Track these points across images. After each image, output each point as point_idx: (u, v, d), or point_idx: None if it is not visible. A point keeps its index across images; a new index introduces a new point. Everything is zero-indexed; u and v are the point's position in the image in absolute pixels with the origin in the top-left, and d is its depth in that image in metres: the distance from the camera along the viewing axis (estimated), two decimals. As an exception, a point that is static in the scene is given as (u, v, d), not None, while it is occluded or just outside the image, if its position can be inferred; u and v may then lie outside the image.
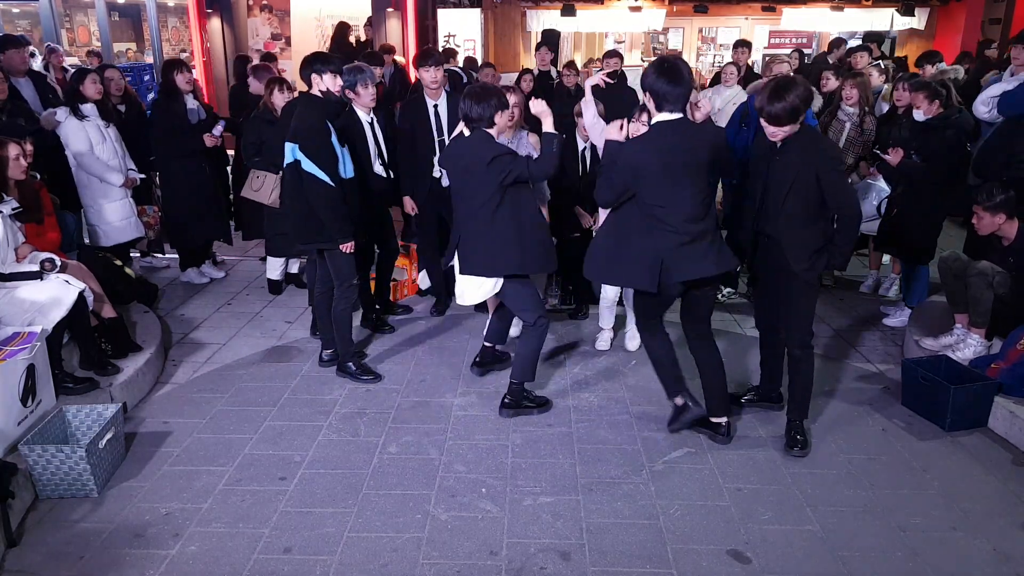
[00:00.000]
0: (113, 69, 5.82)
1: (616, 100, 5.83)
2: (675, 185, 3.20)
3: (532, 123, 4.72)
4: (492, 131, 3.62)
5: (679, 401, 3.65)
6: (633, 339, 4.66)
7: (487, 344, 4.32)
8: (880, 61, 7.33)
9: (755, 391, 4.00)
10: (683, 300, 3.51)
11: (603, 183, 3.35)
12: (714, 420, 3.64)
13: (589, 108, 4.26)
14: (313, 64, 3.92)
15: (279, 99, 5.10)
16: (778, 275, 3.42)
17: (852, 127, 5.34)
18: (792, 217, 3.27)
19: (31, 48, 10.09)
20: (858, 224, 3.33)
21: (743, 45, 7.69)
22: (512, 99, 4.23)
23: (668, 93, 3.15)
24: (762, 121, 3.22)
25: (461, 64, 9.09)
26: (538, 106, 3.70)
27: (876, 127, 5.33)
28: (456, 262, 3.77)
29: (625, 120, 3.57)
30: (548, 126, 3.66)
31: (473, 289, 3.77)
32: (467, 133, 3.70)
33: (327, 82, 3.90)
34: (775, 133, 3.21)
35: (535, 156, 4.39)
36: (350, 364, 4.25)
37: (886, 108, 5.77)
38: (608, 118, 4.86)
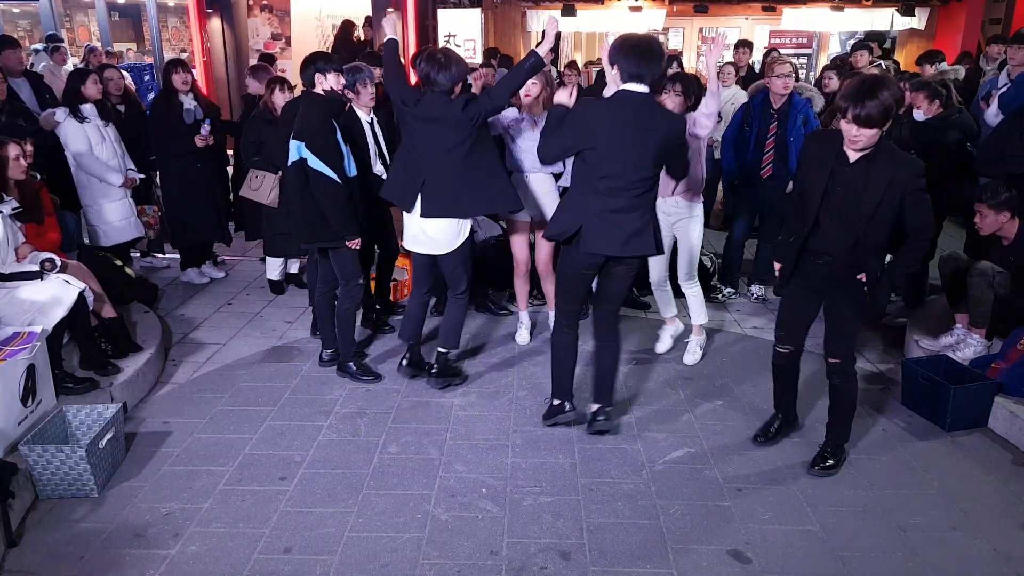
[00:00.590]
0: (113, 69, 5.82)
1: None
2: (619, 153, 3.17)
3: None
4: (451, 98, 3.71)
5: (556, 402, 3.71)
6: (691, 353, 4.51)
7: (411, 343, 4.23)
8: (881, 61, 7.32)
9: (776, 422, 3.64)
10: (599, 279, 3.52)
11: (547, 141, 3.36)
12: (594, 406, 3.63)
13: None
14: (316, 63, 3.93)
15: (279, 99, 5.10)
16: (828, 297, 3.20)
17: None
18: (869, 237, 2.98)
19: (36, 46, 10.14)
20: (927, 246, 3.13)
21: (744, 45, 7.69)
22: (538, 83, 4.29)
23: (635, 67, 3.17)
24: (843, 124, 2.85)
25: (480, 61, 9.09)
26: (562, 95, 3.55)
27: None
28: (418, 207, 3.80)
29: (574, 87, 3.73)
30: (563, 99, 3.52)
31: (433, 233, 3.83)
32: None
33: (331, 81, 3.92)
34: (858, 138, 2.82)
35: None
36: (351, 364, 4.25)
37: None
38: None
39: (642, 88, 3.21)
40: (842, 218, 2.98)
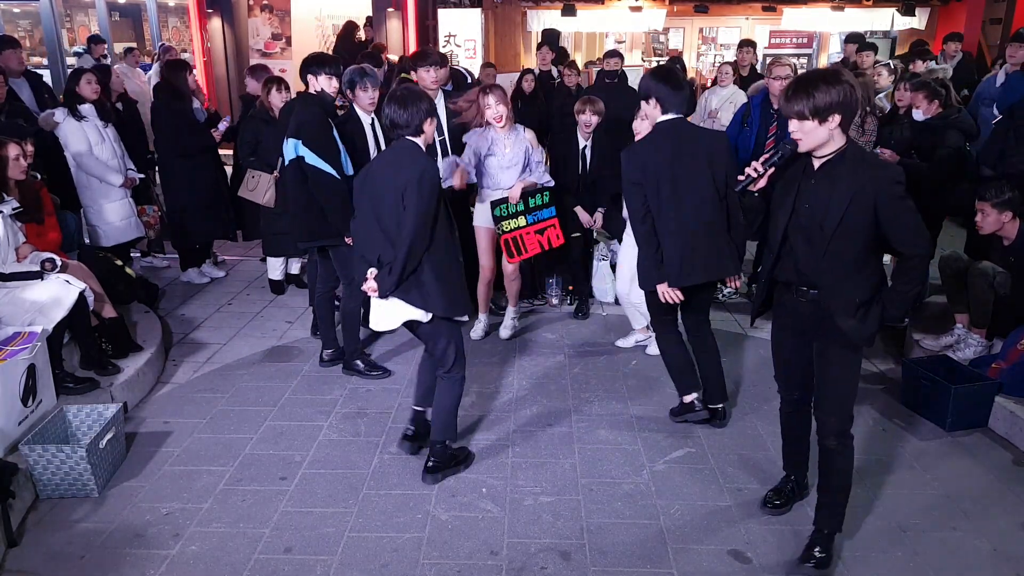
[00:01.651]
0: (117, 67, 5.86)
1: (616, 100, 5.85)
2: (680, 182, 3.30)
3: (524, 119, 4.73)
4: (419, 140, 3.13)
5: (687, 399, 3.72)
6: (626, 339, 4.71)
7: (417, 408, 3.57)
8: (890, 61, 7.31)
9: (789, 484, 3.16)
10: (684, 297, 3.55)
11: (631, 209, 3.45)
12: (712, 406, 3.73)
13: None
14: (310, 66, 4.02)
15: (276, 99, 5.10)
16: (811, 336, 2.74)
17: (853, 127, 5.32)
18: (837, 259, 2.55)
19: (77, 48, 10.15)
20: (927, 266, 2.69)
21: (748, 45, 7.67)
22: (493, 98, 4.26)
23: (674, 97, 3.32)
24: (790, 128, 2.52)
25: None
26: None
27: (878, 127, 5.33)
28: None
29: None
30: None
31: (389, 314, 3.17)
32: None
33: (322, 83, 3.99)
34: (797, 133, 2.49)
35: (533, 153, 4.41)
36: (357, 362, 4.26)
37: (888, 108, 5.76)
38: (608, 117, 4.88)
39: (677, 116, 3.37)
40: (811, 238, 2.57)
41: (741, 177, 2.64)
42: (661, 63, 6.86)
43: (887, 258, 5.83)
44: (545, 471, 3.40)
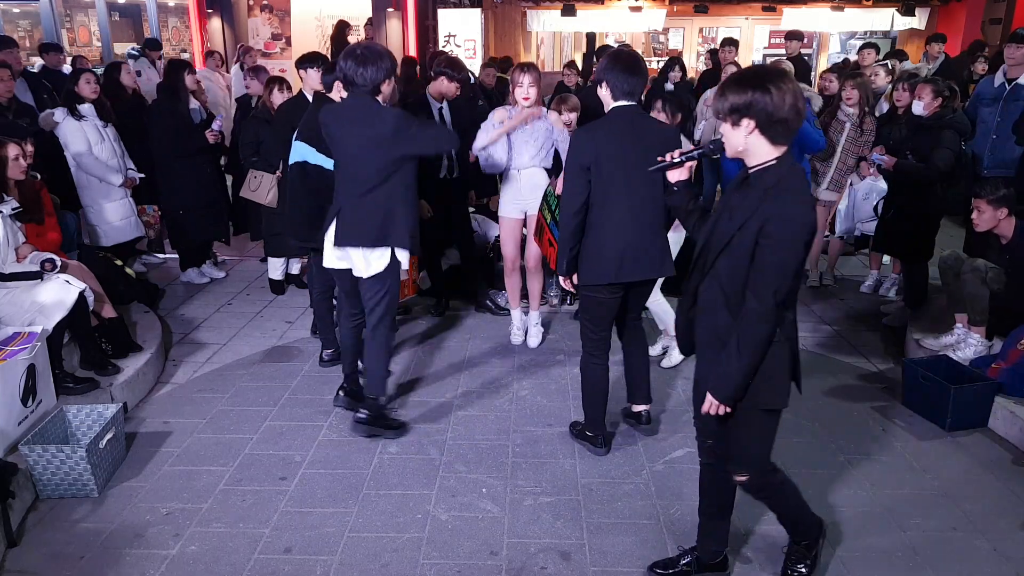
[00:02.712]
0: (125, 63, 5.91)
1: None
2: (633, 172, 3.09)
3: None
4: (379, 99, 3.23)
5: (590, 434, 3.54)
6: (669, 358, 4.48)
7: (348, 373, 3.84)
8: (888, 60, 7.33)
9: (686, 559, 2.75)
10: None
11: (568, 189, 3.16)
12: (636, 409, 3.62)
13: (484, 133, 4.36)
14: (303, 63, 4.12)
15: (278, 98, 5.10)
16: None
17: (852, 127, 5.34)
18: (716, 286, 2.28)
19: (131, 50, 10.13)
20: (760, 331, 2.17)
21: (730, 44, 7.66)
22: (528, 79, 4.18)
23: (626, 84, 3.12)
24: None
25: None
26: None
27: (876, 128, 5.34)
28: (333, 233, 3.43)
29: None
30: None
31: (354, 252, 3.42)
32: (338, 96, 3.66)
33: (312, 77, 4.07)
34: (721, 135, 2.25)
35: (559, 137, 4.36)
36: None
37: (886, 108, 5.77)
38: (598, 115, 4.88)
39: (630, 103, 3.16)
40: (706, 255, 2.31)
41: (666, 157, 2.44)
42: (620, 52, 6.85)
43: (886, 258, 5.87)
44: (545, 471, 3.40)
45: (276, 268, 5.59)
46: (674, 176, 2.49)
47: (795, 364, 2.32)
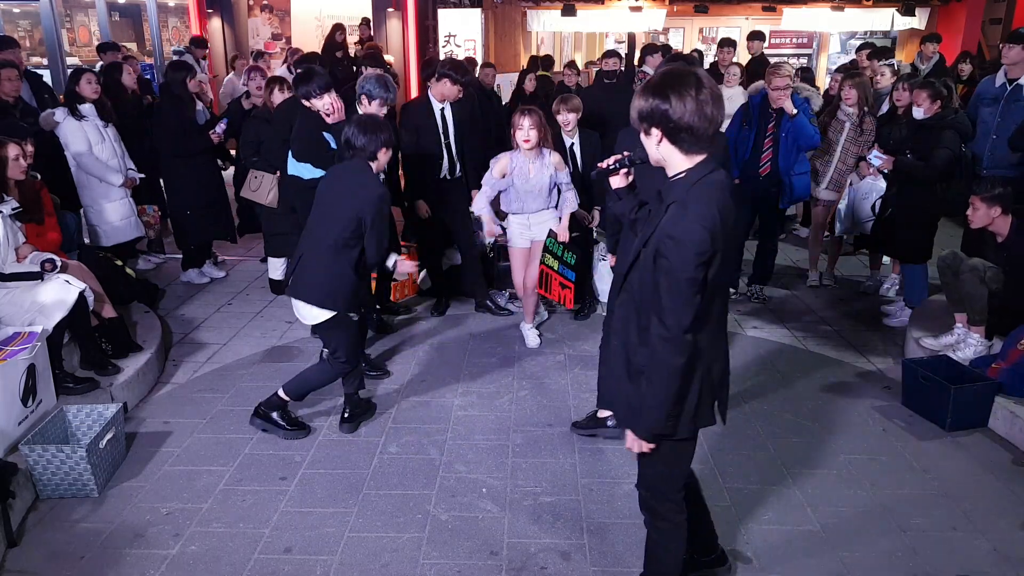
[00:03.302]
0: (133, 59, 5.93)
1: (615, 100, 5.85)
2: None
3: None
4: (372, 165, 3.44)
5: (603, 414, 3.57)
6: None
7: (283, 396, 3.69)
8: (893, 61, 7.34)
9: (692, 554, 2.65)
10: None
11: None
12: (601, 415, 3.61)
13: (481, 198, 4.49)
14: (298, 87, 4.23)
15: (279, 98, 5.10)
16: None
17: (851, 127, 5.35)
18: (628, 303, 2.17)
19: (176, 48, 10.05)
20: (666, 359, 2.01)
21: (728, 44, 7.68)
22: (528, 121, 4.22)
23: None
24: None
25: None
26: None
27: (877, 128, 5.34)
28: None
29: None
30: None
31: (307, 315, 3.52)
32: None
33: (317, 105, 4.17)
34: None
35: (560, 176, 4.44)
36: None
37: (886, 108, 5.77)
38: (609, 118, 4.88)
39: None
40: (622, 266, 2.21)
41: (601, 164, 2.35)
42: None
43: (887, 258, 5.87)
44: (545, 471, 3.40)
45: (276, 268, 5.59)
46: (615, 183, 2.37)
47: (711, 390, 2.15)
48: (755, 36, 8.48)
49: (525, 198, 4.42)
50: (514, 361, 4.51)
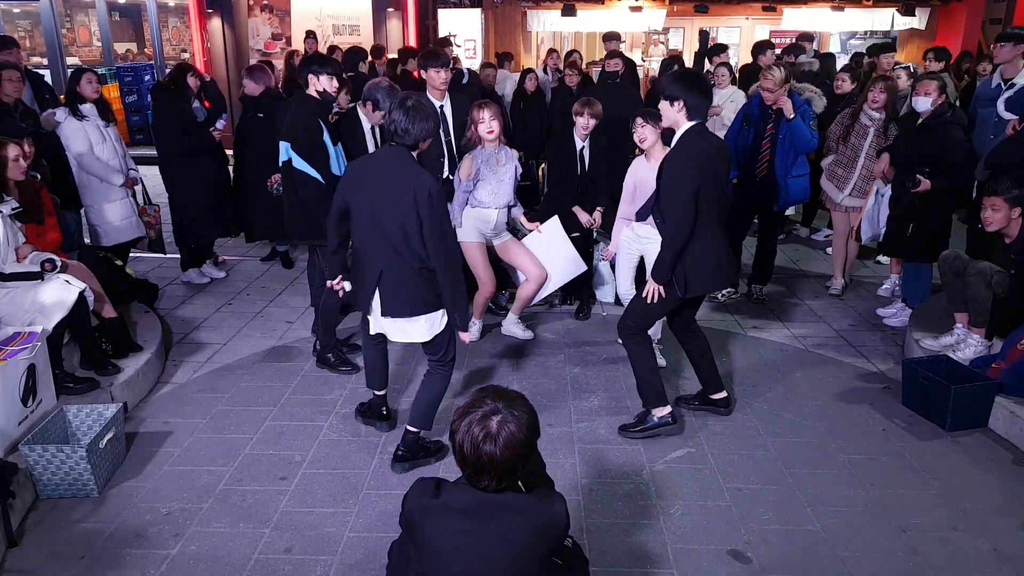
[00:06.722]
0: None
1: (617, 101, 5.85)
2: (718, 183, 3.39)
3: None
4: (413, 154, 3.13)
5: (662, 412, 3.65)
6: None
7: (377, 393, 3.68)
8: (908, 64, 7.34)
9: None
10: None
11: (683, 211, 3.28)
12: (714, 397, 3.85)
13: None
14: (311, 64, 3.99)
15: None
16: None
17: (876, 134, 5.18)
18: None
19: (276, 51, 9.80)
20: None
21: (721, 50, 7.67)
22: (488, 113, 4.25)
23: (701, 104, 3.33)
24: None
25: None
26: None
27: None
28: (378, 303, 3.20)
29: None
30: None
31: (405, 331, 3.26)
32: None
33: (323, 83, 3.96)
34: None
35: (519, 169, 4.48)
36: (329, 355, 4.30)
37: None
38: (609, 118, 4.87)
39: (700, 123, 3.37)
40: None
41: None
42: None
43: (883, 259, 5.86)
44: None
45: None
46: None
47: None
48: (764, 47, 8.26)
49: (497, 188, 4.38)
50: (514, 361, 4.51)
